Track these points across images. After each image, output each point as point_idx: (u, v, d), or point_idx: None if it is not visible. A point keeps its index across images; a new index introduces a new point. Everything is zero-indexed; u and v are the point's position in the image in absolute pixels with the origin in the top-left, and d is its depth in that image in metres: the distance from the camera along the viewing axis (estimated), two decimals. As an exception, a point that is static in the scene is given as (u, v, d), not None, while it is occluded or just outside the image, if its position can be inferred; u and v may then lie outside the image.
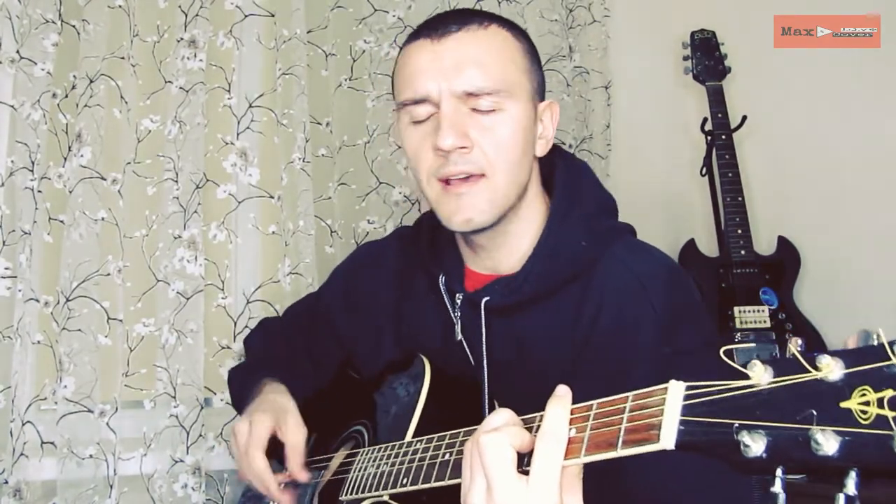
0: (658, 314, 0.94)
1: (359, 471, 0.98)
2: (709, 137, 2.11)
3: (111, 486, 1.52)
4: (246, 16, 1.78)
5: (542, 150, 1.05)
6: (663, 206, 2.39)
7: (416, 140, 0.99)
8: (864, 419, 0.49)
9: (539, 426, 0.70)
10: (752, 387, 0.55)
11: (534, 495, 0.66)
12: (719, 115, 2.11)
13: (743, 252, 2.02)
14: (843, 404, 0.50)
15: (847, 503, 0.49)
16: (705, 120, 2.12)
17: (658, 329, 0.94)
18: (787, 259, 2.09)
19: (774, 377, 0.54)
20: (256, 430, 1.10)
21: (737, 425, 0.54)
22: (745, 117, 2.09)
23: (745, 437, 0.53)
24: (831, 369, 0.51)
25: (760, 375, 0.54)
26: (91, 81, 1.59)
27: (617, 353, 0.94)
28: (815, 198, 2.12)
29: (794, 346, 0.54)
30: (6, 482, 1.44)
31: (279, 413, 1.13)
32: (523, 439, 0.70)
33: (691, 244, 2.18)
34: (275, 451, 1.11)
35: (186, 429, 1.61)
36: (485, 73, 0.96)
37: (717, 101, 2.12)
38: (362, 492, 0.94)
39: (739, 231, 2.04)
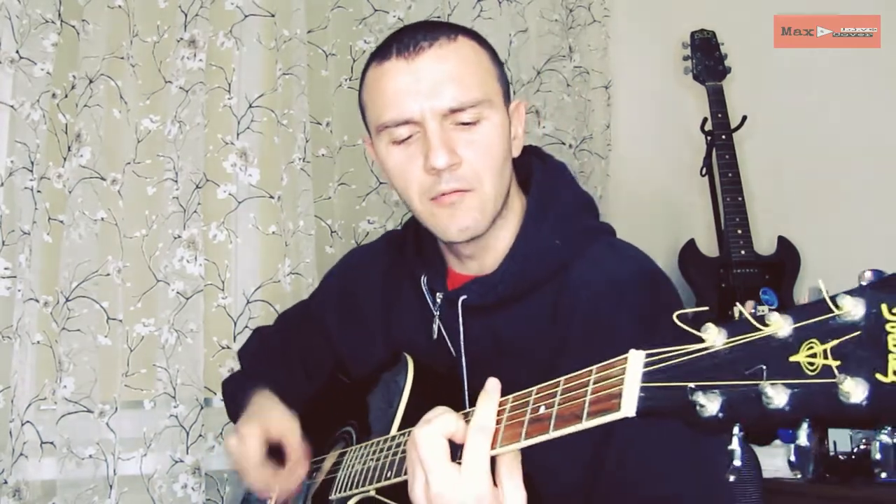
0: (634, 318, 0.94)
1: (347, 468, 0.99)
2: (709, 137, 2.11)
3: (111, 487, 1.52)
4: (246, 16, 1.78)
5: (517, 150, 1.06)
6: (663, 206, 2.39)
7: (401, 160, 1.00)
8: (812, 370, 0.50)
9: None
10: (707, 349, 0.56)
11: (466, 483, 0.71)
12: (719, 115, 2.11)
13: (743, 252, 2.02)
14: (792, 358, 0.51)
15: (797, 454, 0.51)
16: (705, 120, 2.12)
17: (635, 333, 0.93)
18: (787, 259, 2.09)
19: (728, 338, 0.55)
20: (247, 446, 1.09)
21: (691, 387, 0.55)
22: (745, 117, 2.09)
23: (700, 398, 0.54)
24: (780, 326, 0.52)
25: (714, 337, 0.56)
26: (91, 81, 1.59)
27: (593, 357, 0.94)
28: (815, 198, 2.12)
29: (748, 308, 0.55)
30: (6, 482, 1.44)
31: (264, 415, 1.13)
32: (458, 428, 0.74)
33: (691, 244, 2.18)
34: (277, 451, 1.11)
35: (186, 429, 1.61)
36: (463, 87, 0.97)
37: (717, 101, 2.13)
38: (350, 489, 0.95)
39: (739, 231, 2.04)
